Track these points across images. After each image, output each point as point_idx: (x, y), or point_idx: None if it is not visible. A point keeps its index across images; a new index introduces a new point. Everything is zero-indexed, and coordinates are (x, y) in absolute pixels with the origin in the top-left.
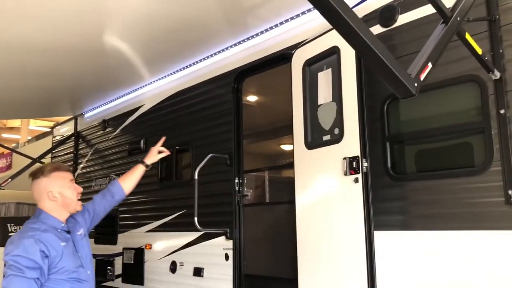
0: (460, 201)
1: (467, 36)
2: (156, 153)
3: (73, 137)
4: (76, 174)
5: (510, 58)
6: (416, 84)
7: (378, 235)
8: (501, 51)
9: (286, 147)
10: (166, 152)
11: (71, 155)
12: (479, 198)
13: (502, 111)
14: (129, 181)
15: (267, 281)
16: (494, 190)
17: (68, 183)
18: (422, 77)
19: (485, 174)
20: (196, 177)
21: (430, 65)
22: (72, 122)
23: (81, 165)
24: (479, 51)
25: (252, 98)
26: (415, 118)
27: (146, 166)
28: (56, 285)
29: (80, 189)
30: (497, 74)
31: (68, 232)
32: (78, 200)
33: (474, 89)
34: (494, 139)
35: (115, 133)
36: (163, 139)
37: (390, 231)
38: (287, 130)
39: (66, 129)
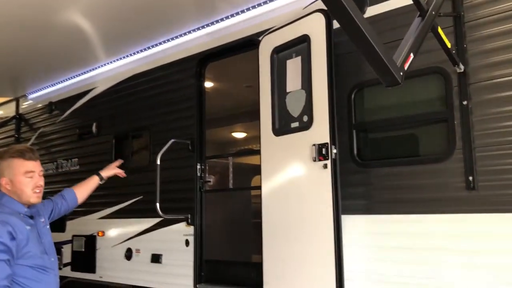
0: (423, 186)
1: (439, 30)
2: (114, 168)
3: (14, 120)
4: None
5: (473, 53)
6: (401, 73)
7: (343, 218)
8: (465, 45)
9: (241, 135)
10: (122, 174)
11: (12, 138)
12: (441, 184)
13: (464, 102)
14: (83, 191)
15: (228, 266)
16: (456, 176)
17: (24, 173)
18: (406, 66)
19: (448, 162)
20: (158, 162)
21: (412, 55)
22: (13, 104)
23: None
24: (449, 44)
25: (215, 84)
26: (381, 107)
27: (101, 179)
28: (22, 271)
29: (40, 183)
30: (462, 67)
31: (31, 217)
32: (36, 193)
33: (438, 80)
34: (457, 128)
35: (63, 116)
36: (119, 161)
37: (355, 215)
38: (247, 117)
39: (6, 111)
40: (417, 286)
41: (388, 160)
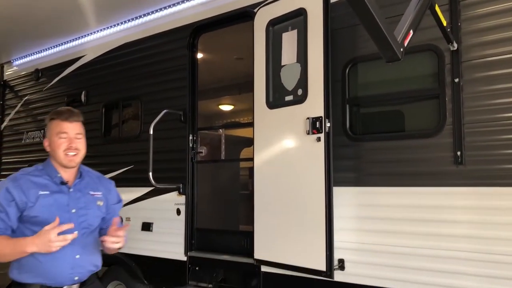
0: (413, 160)
1: (437, 8)
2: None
3: None
4: (3, 126)
5: (466, 31)
6: (401, 49)
7: (334, 190)
8: (459, 24)
9: (228, 108)
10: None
11: None
12: (430, 159)
13: (456, 80)
14: None
15: (219, 235)
16: (445, 151)
17: (57, 134)
18: (406, 43)
19: (437, 137)
20: (151, 132)
21: (411, 32)
22: None
23: (9, 117)
24: (444, 22)
25: (205, 55)
26: (375, 83)
27: None
28: (30, 234)
29: (73, 145)
30: (455, 46)
31: (64, 184)
32: (68, 155)
33: (431, 58)
34: (448, 104)
35: (51, 84)
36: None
37: (346, 187)
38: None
39: None
40: (404, 255)
41: (380, 134)
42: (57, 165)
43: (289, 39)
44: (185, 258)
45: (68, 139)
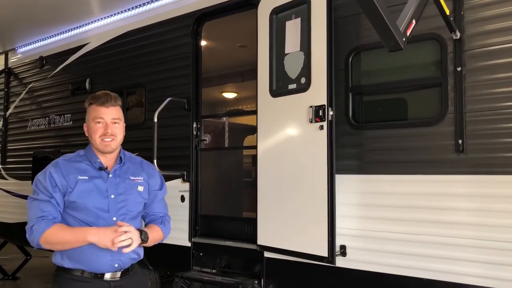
0: (415, 148)
1: None
2: None
3: (3, 74)
4: (8, 113)
5: (469, 20)
6: (404, 39)
7: (337, 178)
8: (462, 13)
9: (231, 95)
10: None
11: (2, 92)
12: (432, 147)
13: (459, 69)
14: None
15: (222, 221)
16: (446, 140)
17: (93, 119)
18: (408, 32)
19: (439, 125)
20: (155, 120)
21: (414, 21)
22: (2, 57)
23: (14, 104)
24: (447, 11)
25: (209, 43)
26: (377, 72)
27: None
28: (71, 222)
29: (109, 131)
30: (458, 34)
31: (102, 169)
32: (104, 141)
33: (434, 47)
34: (450, 93)
35: (55, 71)
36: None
37: (348, 175)
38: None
39: None
40: (405, 242)
41: (382, 122)
42: (96, 150)
43: (292, 28)
44: (189, 244)
45: (104, 125)
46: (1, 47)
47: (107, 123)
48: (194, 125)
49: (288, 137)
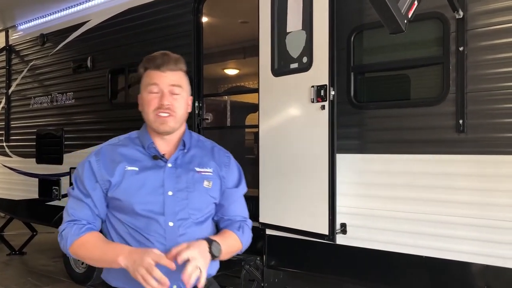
0: (416, 128)
1: None
2: None
3: (4, 51)
4: (10, 90)
5: None
6: (405, 21)
7: (338, 157)
8: None
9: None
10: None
11: (3, 70)
12: (433, 126)
13: (461, 48)
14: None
15: None
16: (447, 120)
17: (146, 87)
18: (410, 14)
19: (440, 105)
20: None
21: (416, 3)
22: (3, 34)
23: (16, 82)
24: None
25: (212, 19)
26: (379, 51)
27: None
28: (116, 225)
29: (166, 102)
30: (461, 14)
31: (157, 158)
32: (160, 117)
33: (436, 26)
34: (452, 73)
35: (57, 49)
36: None
37: (349, 154)
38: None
39: None
40: (405, 220)
41: (383, 102)
42: (152, 131)
43: (294, 6)
44: None
45: (160, 95)
46: (2, 24)
47: (164, 92)
48: (196, 104)
49: (289, 116)
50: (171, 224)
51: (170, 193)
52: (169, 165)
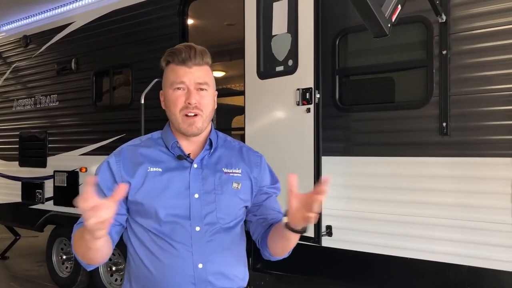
0: (400, 131)
1: None
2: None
3: None
4: None
5: (455, 3)
6: (389, 25)
7: (323, 160)
8: None
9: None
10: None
11: None
12: (416, 129)
13: (444, 52)
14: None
15: None
16: (431, 122)
17: (170, 84)
18: (394, 18)
19: (424, 108)
20: (142, 101)
21: (400, 7)
22: None
23: None
24: None
25: (198, 22)
26: (364, 54)
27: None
28: (138, 232)
29: (192, 101)
30: (444, 18)
31: (182, 158)
32: (187, 117)
33: (420, 29)
34: (435, 76)
35: (40, 50)
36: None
37: (335, 157)
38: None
39: None
40: (390, 222)
41: (368, 105)
42: (176, 131)
43: (280, 9)
44: None
45: (187, 93)
46: None
47: (191, 89)
48: None
49: (275, 119)
50: (197, 229)
51: (196, 195)
52: (195, 165)
